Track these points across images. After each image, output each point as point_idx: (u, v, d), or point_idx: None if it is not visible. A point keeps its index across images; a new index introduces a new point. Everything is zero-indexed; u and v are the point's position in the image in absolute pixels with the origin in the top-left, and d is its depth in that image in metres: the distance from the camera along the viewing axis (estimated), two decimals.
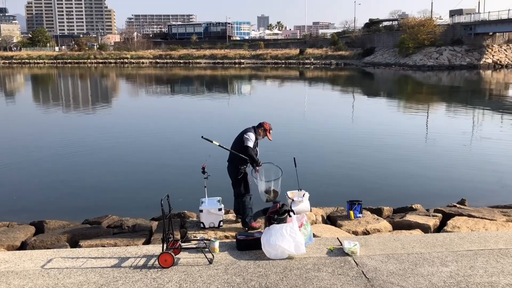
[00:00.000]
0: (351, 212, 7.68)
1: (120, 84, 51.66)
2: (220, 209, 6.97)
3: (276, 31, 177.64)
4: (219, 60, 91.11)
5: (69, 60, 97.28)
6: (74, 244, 6.74)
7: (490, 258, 5.45)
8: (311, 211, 7.53)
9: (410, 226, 7.50)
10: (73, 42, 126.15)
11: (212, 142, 6.77)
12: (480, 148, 15.65)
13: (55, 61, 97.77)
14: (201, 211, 6.94)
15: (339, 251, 5.65)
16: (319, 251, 5.68)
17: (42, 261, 5.43)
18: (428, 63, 64.86)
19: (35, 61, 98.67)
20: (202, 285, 4.81)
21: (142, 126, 20.41)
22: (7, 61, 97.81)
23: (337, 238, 6.14)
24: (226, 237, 6.65)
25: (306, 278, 4.93)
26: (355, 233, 7.04)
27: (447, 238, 6.17)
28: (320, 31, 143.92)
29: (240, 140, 6.83)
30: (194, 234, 6.48)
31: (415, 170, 12.57)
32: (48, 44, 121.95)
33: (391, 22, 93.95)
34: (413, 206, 8.82)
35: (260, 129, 6.93)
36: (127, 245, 6.30)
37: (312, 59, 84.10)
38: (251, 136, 6.77)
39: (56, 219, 8.21)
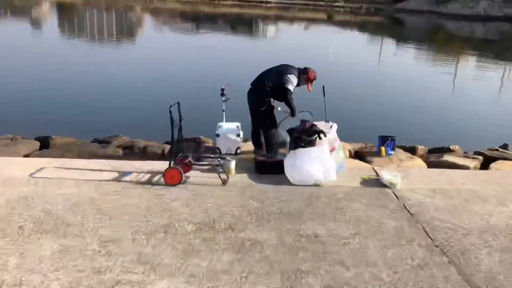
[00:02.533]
0: (383, 148, 6.81)
1: (144, 18, 50.63)
2: (238, 135, 6.24)
3: None
4: None
5: None
6: None
7: None
8: None
9: (448, 167, 6.66)
10: None
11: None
12: None
13: None
14: (218, 135, 6.23)
15: (375, 182, 4.84)
16: (351, 180, 4.88)
17: (32, 169, 4.74)
18: (463, 12, 61.88)
19: None
20: (212, 206, 4.06)
21: (163, 56, 19.59)
22: None
23: (373, 168, 5.31)
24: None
25: (337, 208, 4.14)
26: None
27: (503, 176, 5.28)
28: None
29: (279, 76, 5.80)
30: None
31: (452, 113, 11.72)
32: None
33: None
34: (450, 147, 7.98)
35: (304, 76, 5.92)
36: None
37: (342, 2, 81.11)
38: (294, 80, 5.78)
39: (63, 136, 7.55)
